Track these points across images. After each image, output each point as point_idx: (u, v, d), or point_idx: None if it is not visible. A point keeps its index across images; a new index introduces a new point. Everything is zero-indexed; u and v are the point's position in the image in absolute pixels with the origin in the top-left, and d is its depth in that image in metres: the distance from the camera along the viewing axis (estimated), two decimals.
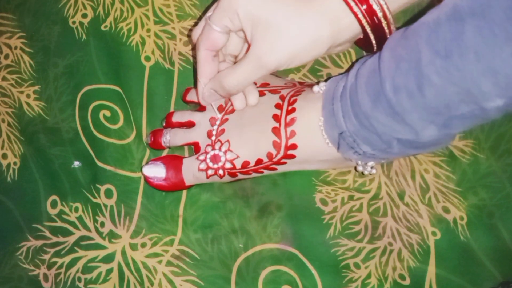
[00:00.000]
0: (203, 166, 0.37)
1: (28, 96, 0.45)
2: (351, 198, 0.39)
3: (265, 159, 0.35)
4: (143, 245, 0.40)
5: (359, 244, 0.38)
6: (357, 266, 0.37)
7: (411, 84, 0.27)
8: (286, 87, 0.37)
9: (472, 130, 0.39)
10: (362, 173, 0.36)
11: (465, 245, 0.37)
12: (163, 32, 0.43)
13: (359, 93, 0.30)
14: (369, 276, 0.37)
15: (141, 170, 0.40)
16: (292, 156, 0.35)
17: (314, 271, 0.37)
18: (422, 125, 0.28)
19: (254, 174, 0.37)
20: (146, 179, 0.39)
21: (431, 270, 0.37)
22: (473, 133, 0.39)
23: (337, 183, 0.39)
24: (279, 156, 0.35)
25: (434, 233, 0.37)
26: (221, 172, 0.36)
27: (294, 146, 0.34)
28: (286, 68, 0.32)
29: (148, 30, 0.44)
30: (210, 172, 0.37)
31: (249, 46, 0.32)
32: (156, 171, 0.39)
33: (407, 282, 0.37)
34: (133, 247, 0.40)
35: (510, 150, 0.38)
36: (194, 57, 0.39)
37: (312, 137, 0.34)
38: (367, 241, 0.38)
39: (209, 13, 0.33)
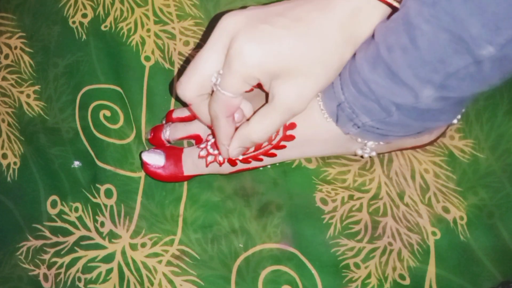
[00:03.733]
0: (203, 153, 0.37)
1: (28, 96, 0.45)
2: (351, 197, 0.39)
3: (265, 143, 0.35)
4: (143, 245, 0.40)
5: (359, 244, 0.38)
6: (357, 266, 0.37)
7: (403, 39, 0.27)
8: None
9: (472, 130, 0.39)
10: (362, 156, 0.36)
11: (465, 245, 0.37)
12: (163, 32, 0.43)
13: (357, 62, 0.30)
14: (369, 276, 0.37)
15: (139, 156, 0.40)
16: (292, 137, 0.35)
17: (314, 271, 0.37)
18: (419, 84, 0.28)
19: (254, 163, 0.37)
20: (144, 165, 0.39)
21: (431, 270, 0.37)
22: (473, 133, 0.39)
23: (337, 182, 0.39)
24: (278, 138, 0.35)
25: (434, 233, 0.37)
26: (220, 158, 0.37)
27: (292, 125, 0.34)
28: None
29: (148, 30, 0.44)
30: (210, 158, 0.37)
31: (266, 93, 0.31)
32: (156, 159, 0.38)
33: (407, 282, 0.37)
34: (133, 247, 0.40)
35: (510, 150, 0.38)
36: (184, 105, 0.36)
37: (311, 113, 0.34)
38: (367, 241, 0.38)
39: (215, 79, 0.30)
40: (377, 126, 0.32)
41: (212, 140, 0.37)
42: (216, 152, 0.37)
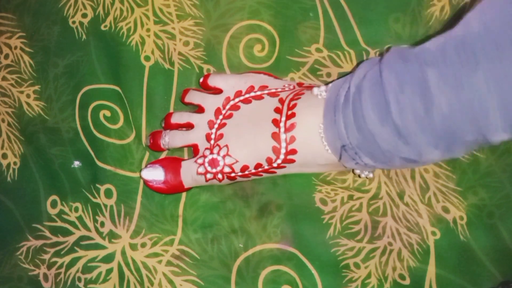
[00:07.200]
0: (201, 170, 0.37)
1: (28, 96, 0.45)
2: (350, 197, 0.39)
3: (265, 164, 0.35)
4: (143, 245, 0.40)
5: (359, 244, 0.38)
6: (357, 266, 0.37)
7: (418, 108, 0.27)
8: (285, 90, 0.37)
9: None
10: (359, 175, 0.36)
11: (465, 245, 0.37)
12: (163, 32, 0.43)
13: (364, 109, 0.30)
14: (369, 276, 0.37)
15: (140, 174, 0.40)
16: (292, 161, 0.35)
17: (314, 271, 0.37)
18: (427, 149, 0.29)
19: (253, 177, 0.37)
20: (146, 182, 0.39)
21: (431, 270, 0.37)
22: None
23: (336, 182, 0.39)
24: (278, 161, 0.35)
25: (434, 233, 0.37)
26: (220, 176, 0.36)
27: (293, 151, 0.34)
28: None
29: (148, 30, 0.44)
30: (209, 176, 0.37)
31: None
32: (155, 175, 0.39)
33: (407, 282, 0.37)
34: (133, 247, 0.40)
35: (510, 150, 0.38)
36: None
37: (312, 143, 0.34)
38: (367, 241, 0.38)
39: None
40: (379, 166, 0.33)
41: (210, 157, 0.37)
42: (214, 170, 0.37)
